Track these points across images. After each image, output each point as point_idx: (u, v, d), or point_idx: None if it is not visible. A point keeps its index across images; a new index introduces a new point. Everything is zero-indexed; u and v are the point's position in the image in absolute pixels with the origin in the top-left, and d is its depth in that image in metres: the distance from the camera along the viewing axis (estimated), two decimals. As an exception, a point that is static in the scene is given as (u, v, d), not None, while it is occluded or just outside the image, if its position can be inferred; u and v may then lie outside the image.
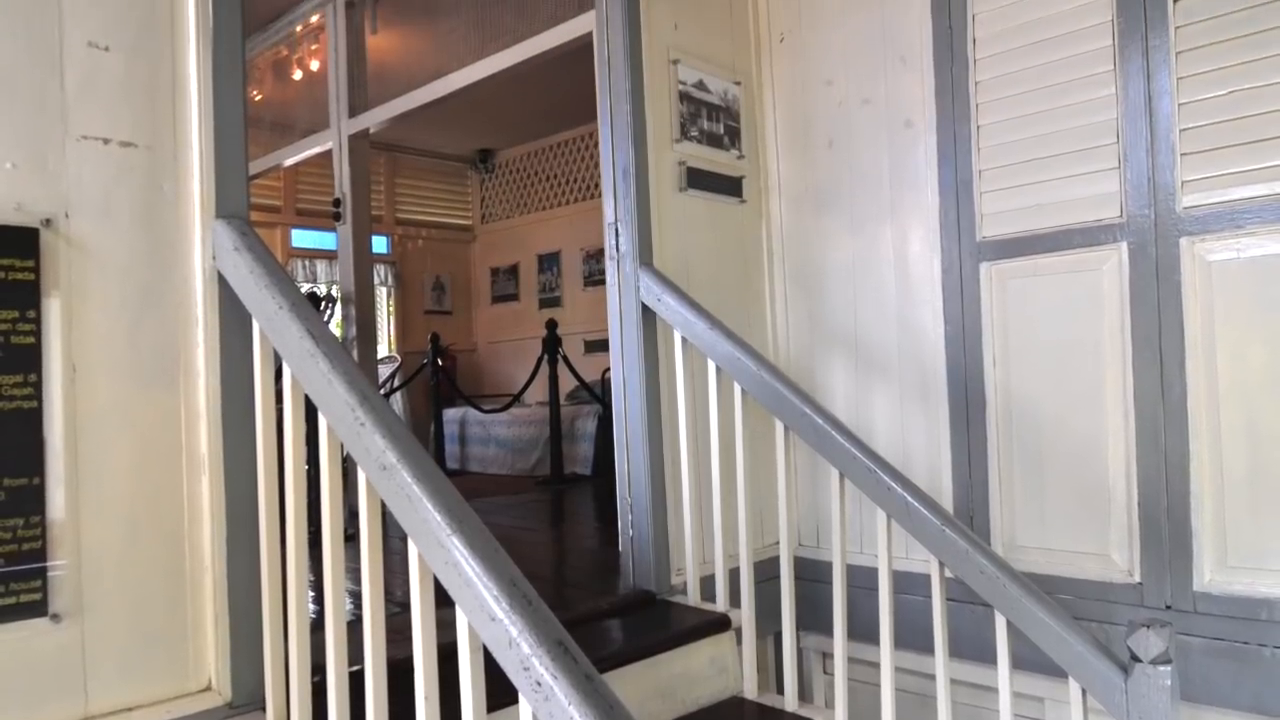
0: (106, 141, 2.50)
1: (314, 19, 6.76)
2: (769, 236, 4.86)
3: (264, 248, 2.56)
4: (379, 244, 11.91)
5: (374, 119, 6.32)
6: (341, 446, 2.27)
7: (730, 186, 4.63)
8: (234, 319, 2.61)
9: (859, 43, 4.53)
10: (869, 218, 4.48)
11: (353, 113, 6.49)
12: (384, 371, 10.78)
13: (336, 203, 6.50)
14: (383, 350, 11.56)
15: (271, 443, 2.55)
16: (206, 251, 2.61)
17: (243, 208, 2.70)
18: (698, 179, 4.40)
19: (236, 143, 2.71)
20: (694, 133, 4.40)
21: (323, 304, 7.95)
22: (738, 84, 4.69)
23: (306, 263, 11.48)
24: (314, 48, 6.95)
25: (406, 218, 12.50)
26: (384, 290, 12.11)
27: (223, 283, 2.60)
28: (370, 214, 6.82)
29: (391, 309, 12.32)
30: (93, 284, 2.44)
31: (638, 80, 4.12)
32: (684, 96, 4.36)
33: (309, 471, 2.55)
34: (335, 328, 6.93)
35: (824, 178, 4.64)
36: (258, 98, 7.58)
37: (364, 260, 6.64)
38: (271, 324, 2.40)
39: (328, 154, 6.71)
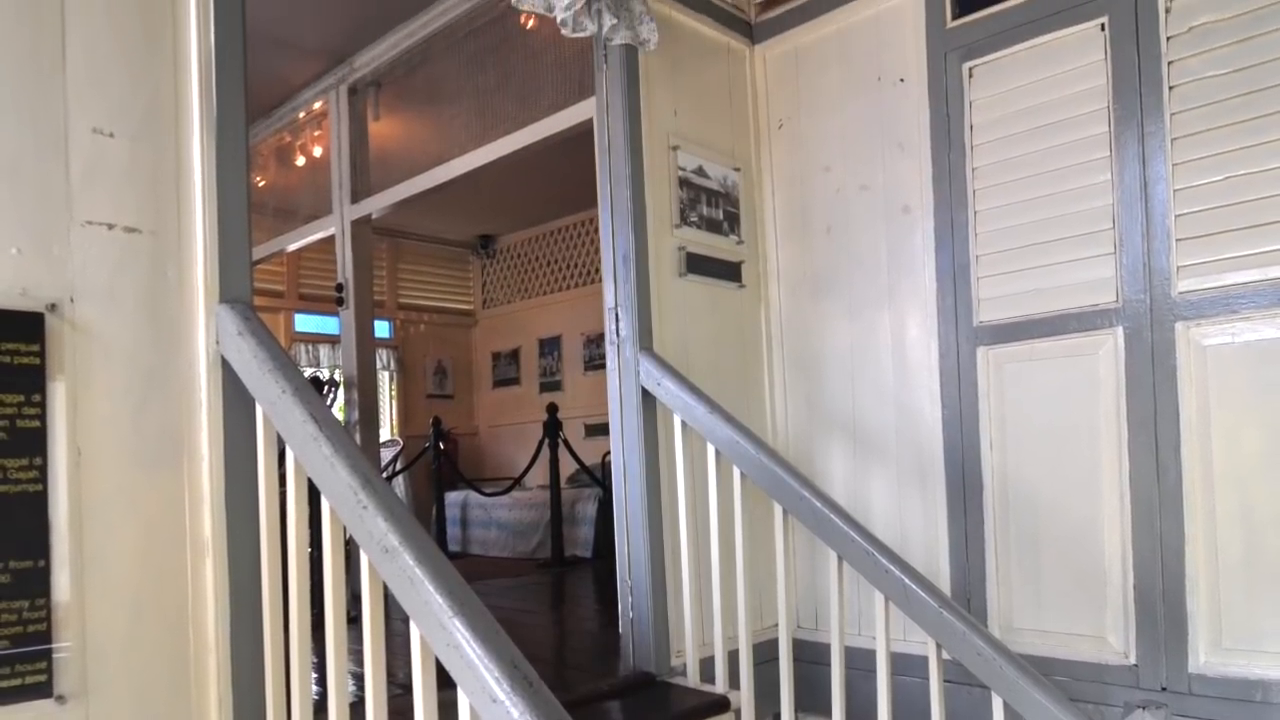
0: (111, 227, 2.55)
1: (317, 105, 6.85)
2: (768, 321, 4.90)
3: (267, 332, 2.60)
4: (381, 328, 11.97)
5: (376, 205, 6.37)
6: (344, 529, 2.30)
7: (729, 271, 4.68)
8: (237, 403, 2.64)
9: (857, 130, 4.61)
10: (867, 303, 4.53)
11: (355, 198, 6.55)
12: (386, 455, 10.79)
13: (339, 288, 6.56)
14: (385, 434, 11.56)
15: (274, 526, 2.57)
16: (210, 336, 2.65)
17: (246, 292, 2.75)
18: (697, 264, 4.45)
19: (240, 228, 2.76)
20: (693, 218, 4.46)
21: (325, 388, 7.98)
22: (737, 170, 4.76)
23: (309, 347, 11.52)
24: (317, 134, 7.04)
25: (409, 302, 12.56)
26: (386, 374, 12.14)
27: (226, 367, 2.64)
28: (372, 299, 6.86)
29: (394, 393, 12.34)
30: (97, 368, 2.48)
31: (638, 166, 4.19)
32: (683, 182, 4.43)
33: (312, 554, 2.57)
34: (338, 412, 6.94)
35: (822, 263, 4.70)
36: (261, 183, 7.65)
37: (366, 345, 6.68)
38: (275, 408, 2.43)
39: (330, 239, 6.76)
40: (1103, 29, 3.85)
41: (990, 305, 4.09)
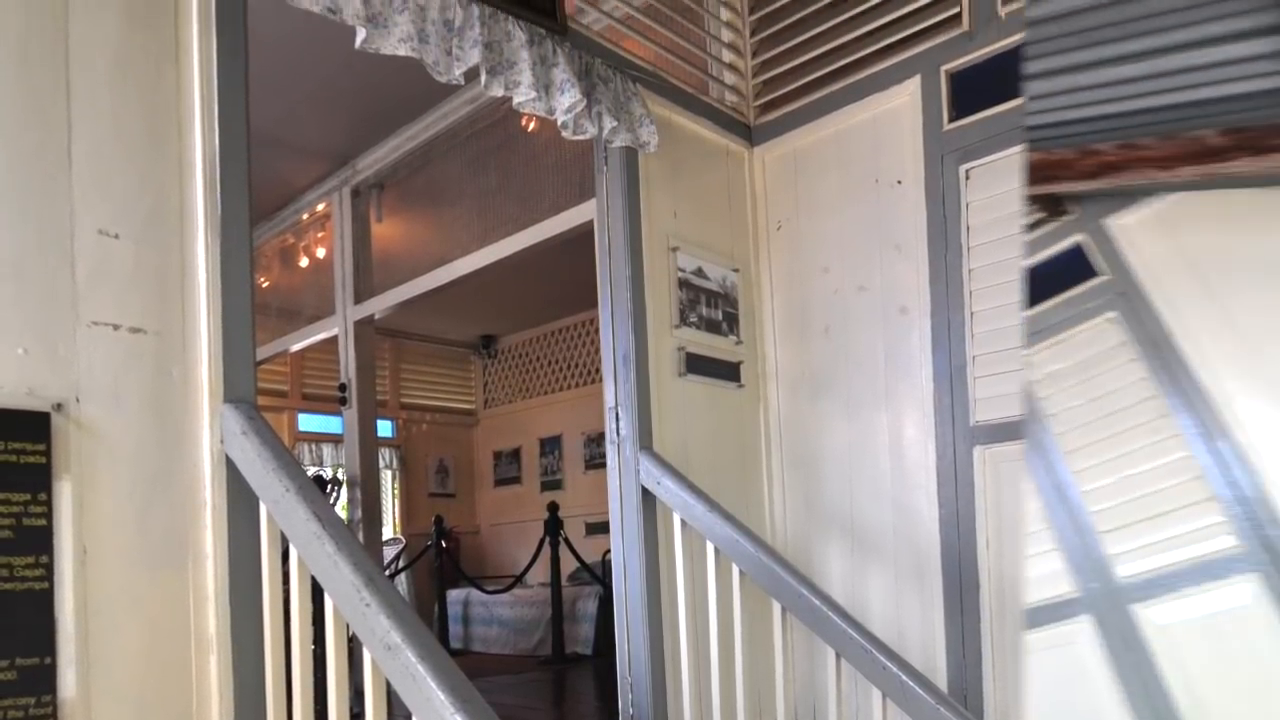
0: (116, 327, 2.60)
1: (320, 207, 6.98)
2: (767, 421, 4.96)
3: (271, 432, 2.64)
4: (384, 428, 12.09)
5: (379, 305, 6.47)
6: (347, 626, 2.32)
7: (729, 371, 4.74)
8: (241, 501, 2.68)
9: (855, 231, 4.70)
10: (865, 403, 4.59)
11: (358, 299, 6.65)
12: (389, 553, 10.82)
13: (342, 388, 6.63)
14: (388, 532, 11.60)
15: (279, 623, 2.60)
16: (214, 435, 2.69)
17: (250, 392, 2.79)
18: (697, 364, 4.51)
19: (244, 329, 2.81)
20: (693, 319, 4.53)
21: (328, 487, 8.03)
22: (736, 271, 4.84)
23: (313, 446, 11.61)
24: (320, 235, 7.16)
25: (411, 402, 12.65)
26: (389, 473, 12.21)
27: (230, 466, 2.67)
28: (375, 399, 6.94)
29: (396, 492, 12.39)
30: (103, 467, 2.52)
31: (638, 267, 4.27)
32: (683, 283, 4.51)
33: (315, 651, 2.59)
34: (341, 510, 6.98)
35: (821, 363, 4.77)
36: (264, 284, 7.76)
37: (369, 444, 6.74)
38: (279, 506, 2.47)
39: (333, 340, 6.86)
40: None
41: (986, 405, 4.15)
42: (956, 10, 4.33)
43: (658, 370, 4.29)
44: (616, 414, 4.21)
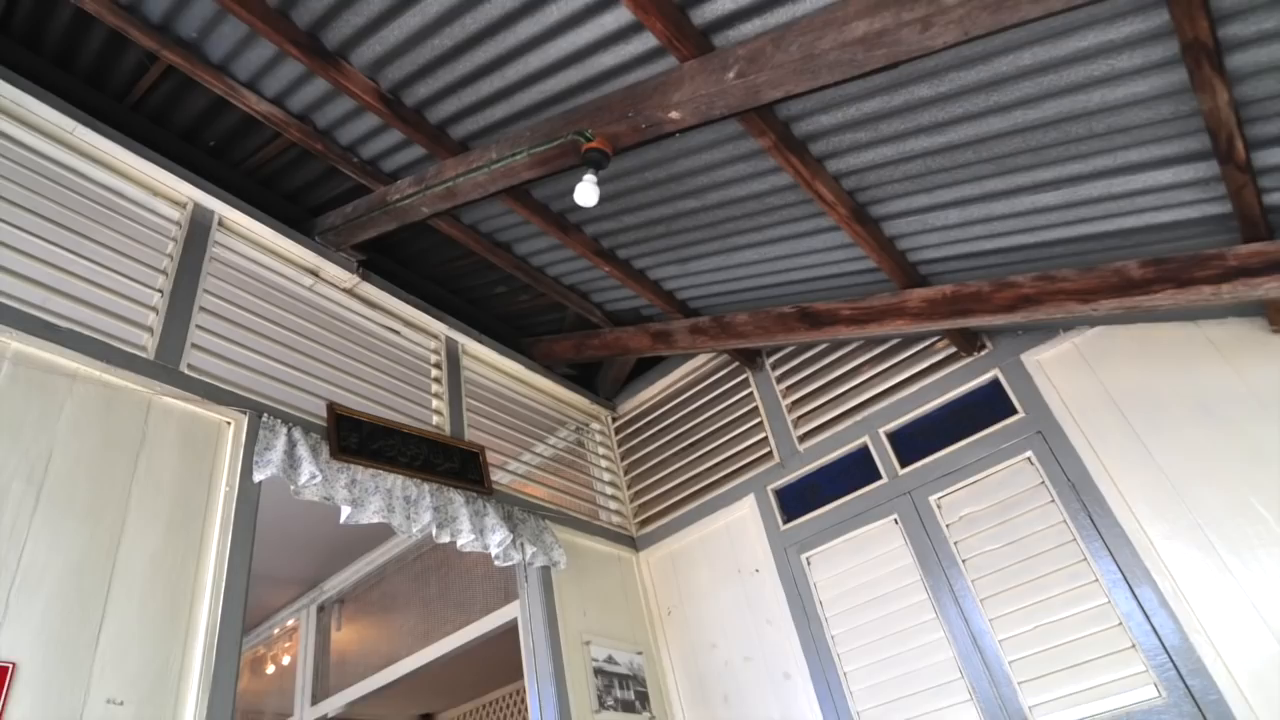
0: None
1: (290, 622, 7.56)
2: (684, 783, 5.33)
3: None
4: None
5: (333, 705, 6.84)
6: None
7: (646, 744, 5.18)
8: None
9: (731, 611, 5.34)
10: (766, 757, 5.00)
11: (314, 700, 7.04)
12: None
13: (302, 779, 7.01)
14: None
15: None
16: None
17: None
18: (618, 741, 4.97)
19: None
20: (610, 702, 4.97)
21: None
22: (640, 654, 5.40)
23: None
24: (287, 644, 7.67)
25: (358, 785, 12.62)
26: None
27: None
28: (329, 786, 7.20)
29: None
30: None
31: (559, 662, 4.78)
32: (598, 671, 5.02)
33: None
34: None
35: (723, 726, 5.21)
36: (232, 691, 8.14)
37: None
38: None
39: (293, 735, 7.20)
40: (896, 522, 4.80)
41: (878, 753, 4.59)
42: (769, 450, 5.54)
43: (584, 752, 4.71)
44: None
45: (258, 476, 3.78)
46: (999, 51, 3.24)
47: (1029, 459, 4.51)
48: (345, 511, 4.01)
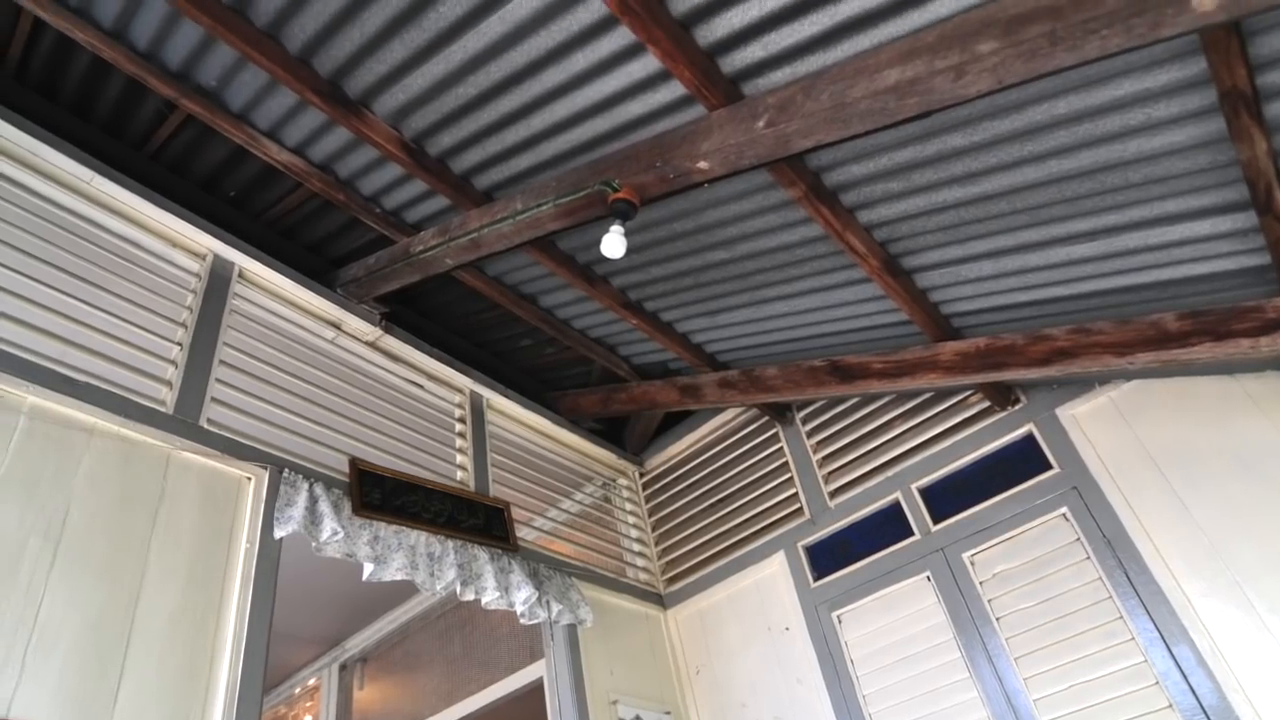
0: None
1: (311, 681, 7.48)
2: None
3: None
4: None
5: None
6: None
7: (675, 807, 5.11)
8: None
9: (761, 670, 5.26)
10: (796, 817, 4.94)
11: None
12: None
13: None
14: None
15: None
16: None
17: None
18: (647, 805, 4.89)
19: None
20: None
21: None
22: (668, 713, 5.32)
23: None
24: (309, 704, 7.58)
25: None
26: None
27: None
28: None
29: None
30: None
31: None
32: None
33: None
34: None
35: (755, 796, 5.13)
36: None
37: None
38: None
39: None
40: (929, 580, 4.72)
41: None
42: (799, 505, 5.45)
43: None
44: None
45: (279, 533, 3.73)
46: (1033, 100, 3.20)
47: (1064, 515, 4.43)
48: (368, 569, 3.96)
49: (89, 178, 3.88)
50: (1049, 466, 4.60)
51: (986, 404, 4.94)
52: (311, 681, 7.53)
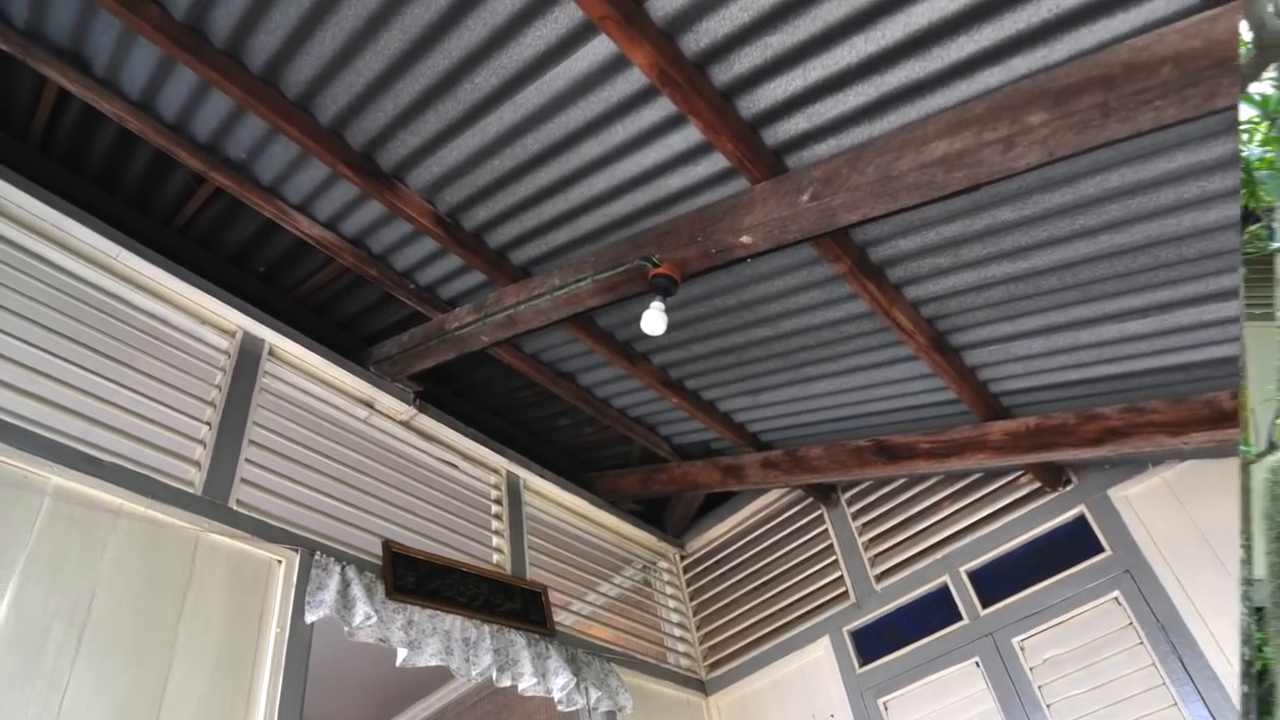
0: None
1: None
2: None
3: None
4: None
5: None
6: None
7: None
8: None
9: None
10: None
11: None
12: None
13: None
14: None
15: None
16: None
17: None
18: None
19: None
20: None
21: None
22: None
23: None
24: None
25: None
26: None
27: None
28: None
29: None
30: None
31: None
32: None
33: None
34: None
35: None
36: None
37: None
38: None
39: None
40: (978, 665, 4.63)
41: None
42: (844, 589, 5.37)
43: None
44: None
45: (310, 618, 3.64)
46: (1085, 173, 3.14)
47: (1116, 599, 4.36)
48: (402, 654, 3.87)
49: (115, 253, 3.85)
50: (1101, 549, 4.52)
51: (1037, 485, 4.84)
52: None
